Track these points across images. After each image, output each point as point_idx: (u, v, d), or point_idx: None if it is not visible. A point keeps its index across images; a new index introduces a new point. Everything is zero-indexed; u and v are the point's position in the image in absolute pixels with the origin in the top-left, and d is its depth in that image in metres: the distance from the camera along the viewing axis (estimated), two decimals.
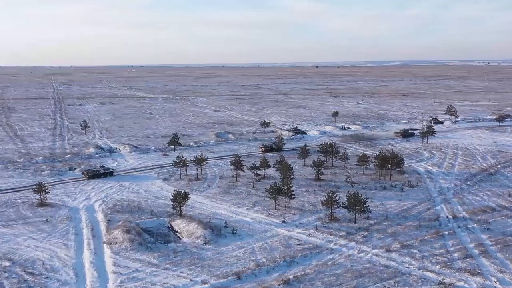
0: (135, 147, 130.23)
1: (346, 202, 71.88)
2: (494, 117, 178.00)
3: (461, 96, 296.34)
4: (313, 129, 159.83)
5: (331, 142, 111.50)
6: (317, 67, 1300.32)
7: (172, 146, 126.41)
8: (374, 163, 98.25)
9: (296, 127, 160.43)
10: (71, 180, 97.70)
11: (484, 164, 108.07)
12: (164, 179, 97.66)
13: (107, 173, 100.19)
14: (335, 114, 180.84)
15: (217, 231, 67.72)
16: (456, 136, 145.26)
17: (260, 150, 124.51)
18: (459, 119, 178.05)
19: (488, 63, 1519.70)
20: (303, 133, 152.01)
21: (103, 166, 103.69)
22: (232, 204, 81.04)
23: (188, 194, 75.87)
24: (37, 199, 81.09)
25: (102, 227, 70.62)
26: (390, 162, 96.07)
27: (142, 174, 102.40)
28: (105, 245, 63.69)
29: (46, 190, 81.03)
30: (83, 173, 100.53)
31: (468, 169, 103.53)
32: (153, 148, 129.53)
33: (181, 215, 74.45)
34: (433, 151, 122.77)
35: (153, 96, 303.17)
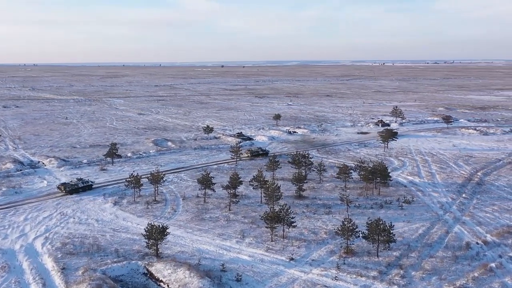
0: (63, 160, 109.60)
1: (364, 230, 59.25)
2: (437, 119, 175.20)
3: (383, 96, 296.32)
4: (259, 134, 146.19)
5: (304, 152, 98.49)
6: (222, 66, 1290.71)
7: (109, 158, 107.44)
8: (360, 175, 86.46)
9: (241, 132, 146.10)
10: None
11: (463, 172, 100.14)
12: (115, 203, 79.54)
13: (86, 187, 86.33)
14: (277, 117, 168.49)
15: (217, 279, 52.10)
16: (412, 140, 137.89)
17: (246, 155, 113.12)
18: (404, 121, 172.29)
19: (384, 63, 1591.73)
20: (250, 139, 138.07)
21: (81, 179, 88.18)
22: (215, 235, 65.35)
23: (167, 228, 59.28)
24: None
25: (57, 280, 52.39)
26: (379, 174, 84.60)
27: (83, 196, 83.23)
28: None
29: None
30: (59, 188, 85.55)
31: (452, 179, 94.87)
32: (85, 161, 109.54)
33: (158, 256, 57.88)
34: (400, 158, 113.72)
35: (62, 98, 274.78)
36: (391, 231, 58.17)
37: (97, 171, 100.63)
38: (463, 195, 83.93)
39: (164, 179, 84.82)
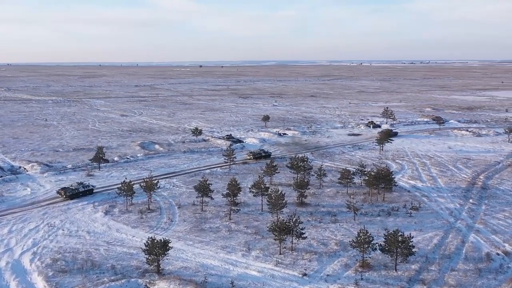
0: (46, 165, 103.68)
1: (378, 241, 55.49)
2: (428, 119, 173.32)
3: (367, 96, 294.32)
4: (249, 136, 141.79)
5: (303, 156, 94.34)
6: (200, 66, 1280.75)
7: (95, 163, 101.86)
8: (364, 181, 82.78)
9: (230, 134, 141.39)
10: None
11: (464, 176, 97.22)
12: (106, 212, 74.41)
13: (87, 191, 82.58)
14: (266, 118, 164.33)
15: None
16: (406, 142, 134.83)
17: (248, 158, 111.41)
18: (395, 122, 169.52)
19: (361, 63, 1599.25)
20: (240, 141, 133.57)
21: (81, 183, 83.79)
22: (218, 248, 60.81)
23: (169, 242, 54.56)
24: None
25: None
26: (384, 180, 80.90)
27: (71, 205, 77.79)
28: None
29: None
30: (58, 193, 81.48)
31: (455, 183, 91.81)
32: (70, 166, 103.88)
33: (159, 273, 53.15)
34: (397, 161, 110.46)
35: (39, 99, 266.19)
36: (410, 243, 54.42)
37: (83, 177, 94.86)
38: (470, 201, 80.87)
39: (158, 185, 79.85)
